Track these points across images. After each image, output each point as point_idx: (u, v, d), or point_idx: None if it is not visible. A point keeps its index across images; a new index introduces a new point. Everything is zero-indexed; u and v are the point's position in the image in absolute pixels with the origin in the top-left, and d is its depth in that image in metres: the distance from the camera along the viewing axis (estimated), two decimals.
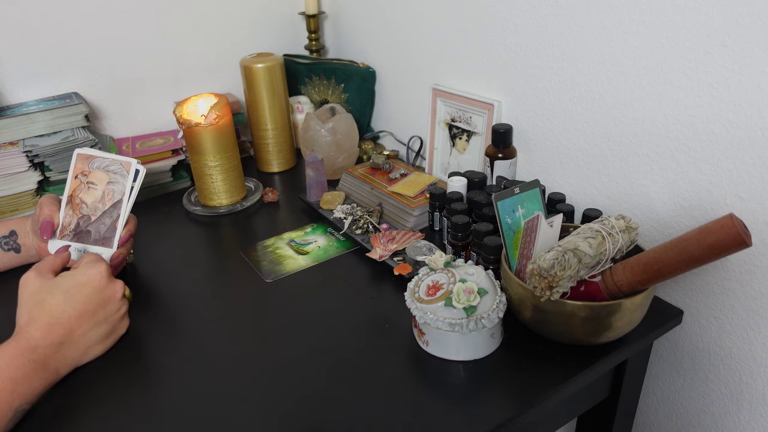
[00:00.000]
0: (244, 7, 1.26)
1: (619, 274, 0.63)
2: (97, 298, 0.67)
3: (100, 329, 0.67)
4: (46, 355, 0.62)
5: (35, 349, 0.61)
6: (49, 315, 0.64)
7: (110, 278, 0.69)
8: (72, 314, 0.65)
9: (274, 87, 1.13)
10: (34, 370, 0.60)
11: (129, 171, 0.78)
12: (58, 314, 0.64)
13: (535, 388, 0.62)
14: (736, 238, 0.53)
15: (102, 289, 0.68)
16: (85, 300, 0.66)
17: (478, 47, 0.94)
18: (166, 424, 0.60)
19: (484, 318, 0.63)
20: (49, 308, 0.64)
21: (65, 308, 0.64)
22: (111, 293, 0.69)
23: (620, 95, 0.76)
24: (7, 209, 0.98)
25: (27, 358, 0.60)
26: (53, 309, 0.64)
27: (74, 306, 0.65)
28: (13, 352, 0.60)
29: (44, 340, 0.62)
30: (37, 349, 0.61)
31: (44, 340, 0.62)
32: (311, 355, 0.68)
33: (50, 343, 0.62)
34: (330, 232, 0.96)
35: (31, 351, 0.60)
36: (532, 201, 0.72)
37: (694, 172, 0.71)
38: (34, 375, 0.60)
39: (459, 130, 1.01)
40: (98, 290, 0.67)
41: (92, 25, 1.10)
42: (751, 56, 0.61)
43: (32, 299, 0.65)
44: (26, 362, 0.59)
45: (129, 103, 1.19)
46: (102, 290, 0.68)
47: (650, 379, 0.88)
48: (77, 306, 0.65)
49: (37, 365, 0.60)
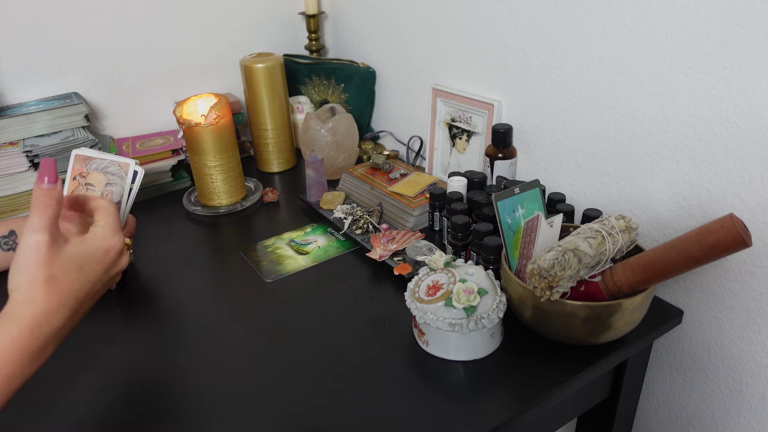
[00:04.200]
0: (244, 7, 1.26)
1: (619, 274, 0.63)
2: (106, 277, 0.59)
3: (95, 299, 0.59)
4: (46, 343, 0.52)
5: (37, 339, 0.51)
6: (60, 295, 0.53)
7: (123, 251, 0.62)
8: (80, 294, 0.55)
9: (274, 87, 1.13)
10: (30, 363, 0.51)
11: (127, 172, 0.78)
12: (67, 295, 0.54)
13: (535, 388, 0.62)
14: (736, 238, 0.53)
15: (113, 265, 0.60)
16: (95, 278, 0.57)
17: (478, 47, 0.94)
18: (165, 424, 0.60)
19: (484, 318, 0.63)
20: (60, 288, 0.53)
21: (75, 288, 0.55)
22: (119, 268, 0.61)
23: (620, 95, 0.76)
24: (7, 209, 0.98)
25: (27, 352, 0.50)
26: (64, 289, 0.54)
27: (83, 285, 0.56)
28: (12, 346, 0.50)
29: (48, 326, 0.52)
30: (39, 338, 0.51)
31: (48, 326, 0.52)
32: (311, 355, 0.68)
33: (53, 329, 0.53)
34: (330, 232, 0.96)
35: (32, 342, 0.51)
36: (532, 201, 0.72)
37: (694, 172, 0.71)
38: (29, 368, 0.51)
39: (459, 130, 1.01)
40: (109, 267, 0.60)
41: (92, 25, 1.10)
42: (751, 56, 0.61)
43: (42, 273, 0.52)
44: (25, 356, 0.50)
45: (129, 103, 1.19)
46: (113, 266, 0.60)
47: (650, 379, 0.88)
48: (86, 285, 0.56)
49: (34, 356, 0.51)
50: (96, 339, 0.73)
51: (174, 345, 0.71)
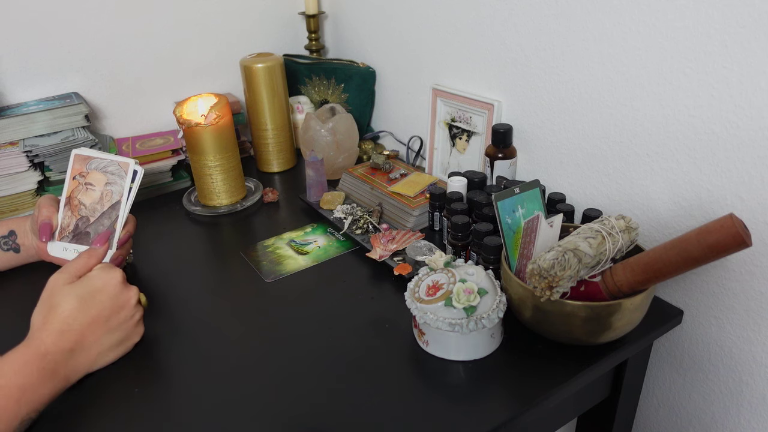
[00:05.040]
0: (244, 7, 1.26)
1: (619, 274, 0.63)
2: (111, 305, 0.66)
3: (112, 336, 0.66)
4: (56, 362, 0.60)
5: (45, 356, 0.59)
6: (61, 321, 0.62)
7: (125, 284, 0.68)
8: (84, 321, 0.63)
9: (274, 87, 1.13)
10: (43, 378, 0.58)
11: (127, 172, 0.78)
12: (70, 321, 0.62)
13: (535, 388, 0.62)
14: (736, 238, 0.53)
15: (116, 296, 0.66)
16: (99, 306, 0.65)
17: (478, 47, 0.94)
18: (165, 424, 0.60)
19: (484, 318, 0.63)
20: (61, 314, 0.62)
21: (77, 315, 0.63)
22: (125, 300, 0.67)
23: (620, 95, 0.76)
24: (7, 209, 0.98)
25: (36, 366, 0.58)
26: (66, 315, 0.62)
27: (87, 312, 0.63)
28: (22, 359, 0.58)
29: (55, 346, 0.60)
30: (47, 356, 0.59)
31: (55, 346, 0.60)
32: (311, 355, 0.68)
33: (61, 350, 0.61)
34: (330, 232, 0.96)
35: (40, 358, 0.59)
36: (532, 201, 0.72)
37: (694, 172, 0.71)
38: (43, 383, 0.58)
39: (459, 130, 1.01)
40: (112, 296, 0.66)
41: (92, 25, 1.10)
42: (751, 56, 0.61)
43: (48, 302, 0.63)
44: (35, 370, 0.58)
45: (129, 103, 1.19)
46: (116, 296, 0.66)
47: (650, 379, 0.88)
48: (90, 312, 0.64)
49: (46, 373, 0.59)
50: None
51: (174, 345, 0.71)
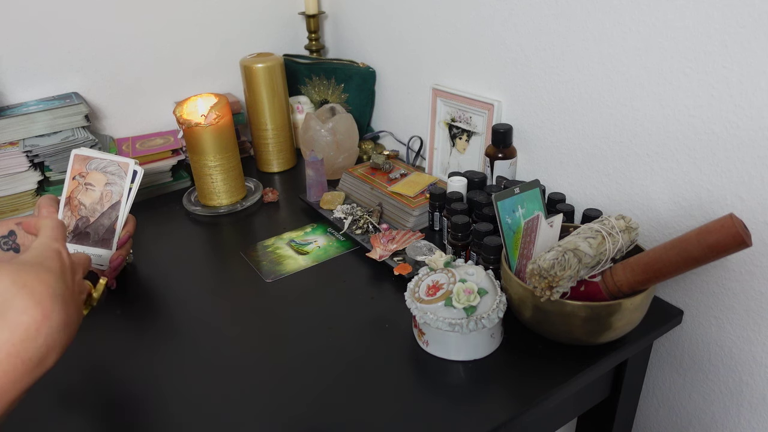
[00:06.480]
0: (244, 7, 1.26)
1: (619, 274, 0.63)
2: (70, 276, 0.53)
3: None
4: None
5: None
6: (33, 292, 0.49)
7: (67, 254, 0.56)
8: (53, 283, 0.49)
9: (274, 87, 1.13)
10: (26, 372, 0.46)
11: (127, 172, 0.78)
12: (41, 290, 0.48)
13: (535, 388, 0.62)
14: (736, 238, 0.53)
15: (67, 266, 0.54)
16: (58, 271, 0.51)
17: (478, 47, 0.94)
18: (165, 424, 0.60)
19: (484, 318, 0.63)
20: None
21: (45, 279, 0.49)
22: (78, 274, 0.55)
23: (620, 95, 0.76)
24: (7, 209, 0.98)
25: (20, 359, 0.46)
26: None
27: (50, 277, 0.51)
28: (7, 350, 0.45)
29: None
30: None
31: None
32: (311, 355, 0.68)
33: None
34: (330, 232, 0.96)
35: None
36: (532, 201, 0.72)
37: (694, 172, 0.71)
38: (25, 377, 0.46)
39: (459, 130, 1.01)
40: (65, 266, 0.53)
41: (92, 25, 1.10)
42: (751, 56, 0.61)
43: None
44: (18, 363, 0.45)
45: (129, 103, 1.19)
46: (69, 267, 0.54)
47: (650, 379, 0.88)
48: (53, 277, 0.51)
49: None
50: (95, 339, 0.73)
51: (174, 345, 0.71)
